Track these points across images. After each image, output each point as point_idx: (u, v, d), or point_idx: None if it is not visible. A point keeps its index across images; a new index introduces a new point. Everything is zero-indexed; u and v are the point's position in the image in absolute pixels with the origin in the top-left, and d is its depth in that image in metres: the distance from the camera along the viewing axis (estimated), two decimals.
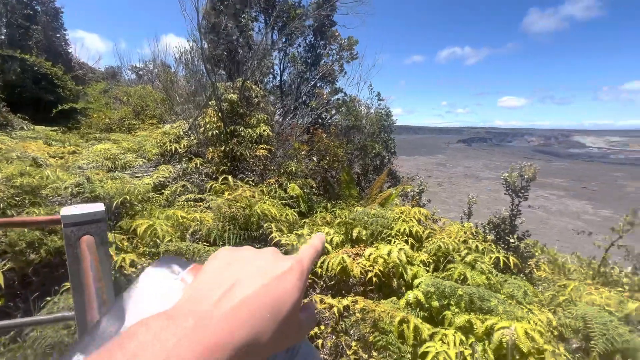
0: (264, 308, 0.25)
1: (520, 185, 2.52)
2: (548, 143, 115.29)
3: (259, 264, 0.28)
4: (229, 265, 0.28)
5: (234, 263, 0.29)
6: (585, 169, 51.46)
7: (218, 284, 0.26)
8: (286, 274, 0.28)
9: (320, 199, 5.42)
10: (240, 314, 0.24)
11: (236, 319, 0.23)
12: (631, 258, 2.85)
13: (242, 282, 0.26)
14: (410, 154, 69.13)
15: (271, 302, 0.25)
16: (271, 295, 0.26)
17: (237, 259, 0.29)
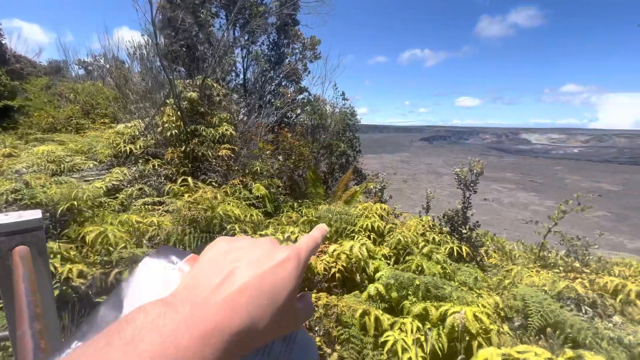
0: (261, 295, 0.25)
1: (470, 179, 2.72)
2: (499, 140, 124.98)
3: (257, 253, 0.28)
4: (226, 254, 0.28)
5: (231, 252, 0.29)
6: (531, 163, 56.52)
7: (215, 272, 0.26)
8: (284, 263, 0.28)
9: (287, 199, 5.40)
10: (238, 301, 0.24)
11: (233, 305, 0.24)
12: (565, 242, 3.20)
13: (240, 270, 0.26)
14: (377, 152, 71.05)
15: (268, 289, 0.26)
16: (268, 283, 0.26)
17: (235, 248, 0.29)
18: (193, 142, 4.76)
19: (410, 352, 1.52)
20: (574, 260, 2.99)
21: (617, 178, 39.70)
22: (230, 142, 4.95)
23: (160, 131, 5.07)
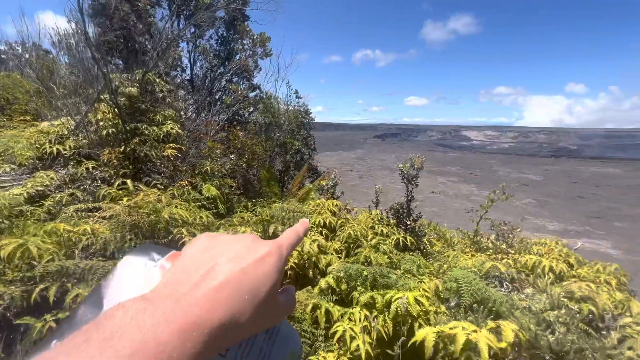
0: (242, 290, 0.25)
1: (412, 174, 2.93)
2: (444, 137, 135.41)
3: (238, 249, 0.28)
4: (207, 250, 0.28)
5: (212, 248, 0.28)
6: (471, 158, 62.24)
7: (196, 268, 0.26)
8: (265, 257, 0.28)
9: (241, 199, 5.27)
10: (219, 296, 0.24)
11: (214, 300, 0.23)
12: (494, 228, 3.61)
13: (221, 266, 0.26)
14: (334, 150, 72.26)
15: (249, 284, 0.25)
16: (250, 277, 0.26)
17: (216, 244, 0.29)
18: (134, 141, 4.40)
19: (358, 340, 1.60)
20: (502, 243, 3.39)
21: (539, 169, 45.55)
22: (177, 141, 4.66)
23: (95, 130, 4.60)
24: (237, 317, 0.24)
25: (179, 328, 0.21)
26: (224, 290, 0.24)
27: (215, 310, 0.23)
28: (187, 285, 0.24)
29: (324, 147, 75.83)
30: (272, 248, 0.29)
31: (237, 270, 0.26)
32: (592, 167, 48.06)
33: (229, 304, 0.24)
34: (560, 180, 37.62)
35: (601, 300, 1.81)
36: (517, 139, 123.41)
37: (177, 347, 0.20)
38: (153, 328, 0.20)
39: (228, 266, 0.26)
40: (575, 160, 59.01)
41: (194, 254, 0.28)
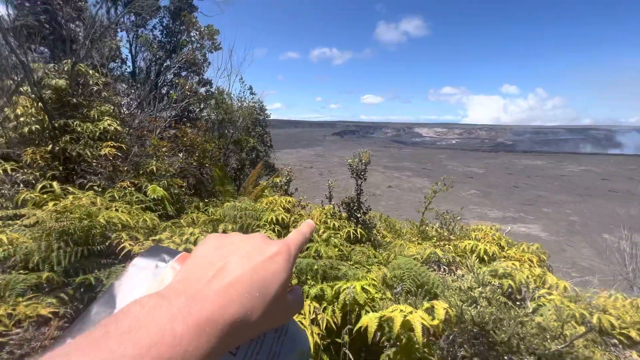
0: (253, 288, 0.26)
1: (361, 168, 3.04)
2: (399, 134, 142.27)
3: (248, 248, 0.29)
4: (218, 249, 0.29)
5: (223, 247, 0.29)
6: (424, 153, 66.30)
7: (208, 266, 0.27)
8: (274, 256, 0.28)
9: (192, 199, 5.01)
10: (231, 293, 0.24)
11: (227, 297, 0.24)
12: (439, 217, 3.89)
13: (232, 264, 0.27)
14: (293, 146, 72.02)
15: (260, 282, 0.26)
16: (260, 276, 0.27)
17: (226, 244, 0.30)
18: (64, 139, 3.95)
19: (307, 332, 1.63)
20: (445, 230, 3.68)
21: (481, 163, 50.01)
22: (117, 139, 4.28)
23: (14, 127, 4.04)
24: (248, 314, 0.25)
25: (194, 323, 0.22)
26: (236, 288, 0.25)
27: (228, 306, 0.24)
28: (200, 282, 0.25)
29: (284, 145, 75.25)
30: (281, 247, 0.30)
31: (248, 268, 0.27)
32: (525, 160, 54.03)
33: (241, 301, 0.25)
34: (499, 172, 41.75)
35: (519, 276, 2.06)
36: (462, 135, 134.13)
37: (193, 341, 0.21)
38: (169, 322, 0.21)
39: (239, 264, 0.27)
40: (511, 154, 65.91)
41: (205, 253, 0.29)
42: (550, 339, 1.30)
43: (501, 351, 1.31)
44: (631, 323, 2.12)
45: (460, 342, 1.63)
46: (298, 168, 46.17)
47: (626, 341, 2.07)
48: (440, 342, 1.74)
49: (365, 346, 2.02)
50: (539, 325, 1.37)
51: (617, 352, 1.94)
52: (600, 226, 20.38)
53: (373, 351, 1.97)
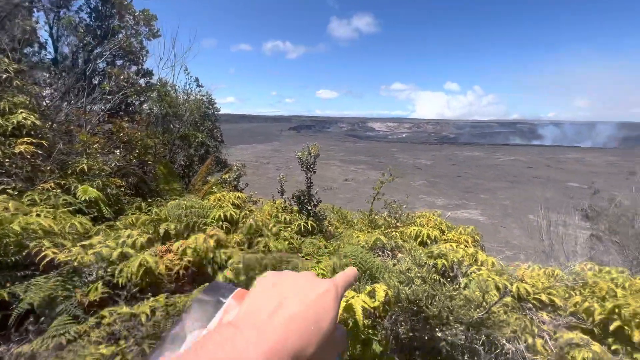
0: (309, 322, 0.28)
1: (310, 161, 3.07)
2: (354, 128, 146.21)
3: (301, 285, 0.32)
4: (275, 286, 0.31)
5: (279, 284, 0.32)
6: (377, 147, 69.04)
7: (268, 302, 0.29)
8: (325, 294, 0.31)
9: (134, 199, 4.62)
10: (291, 326, 0.27)
11: (288, 330, 0.27)
12: (387, 206, 4.10)
13: (289, 300, 0.29)
14: (249, 142, 70.04)
15: (314, 317, 0.29)
16: (314, 311, 0.29)
17: (282, 281, 0.32)
18: None
19: None
20: (392, 218, 3.89)
21: (428, 155, 53.66)
22: (35, 135, 3.75)
23: None
24: (305, 346, 0.27)
25: (264, 351, 0.25)
26: (294, 322, 0.28)
27: (289, 338, 0.26)
28: (263, 315, 0.28)
29: (238, 140, 72.78)
30: (330, 286, 0.33)
31: (304, 305, 0.29)
32: (465, 152, 59.14)
33: (299, 334, 0.27)
34: (444, 163, 45.21)
35: (452, 256, 2.27)
36: (411, 129, 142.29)
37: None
38: (245, 349, 0.24)
39: (295, 301, 0.30)
40: (454, 146, 71.72)
41: (264, 289, 0.31)
42: (474, 308, 1.47)
43: (434, 324, 1.43)
44: (542, 289, 2.46)
45: (401, 320, 1.74)
46: (255, 164, 45.07)
47: (538, 304, 2.40)
48: (384, 323, 1.85)
49: None
50: (465, 298, 1.52)
51: (531, 314, 2.24)
52: (527, 208, 23.19)
53: None
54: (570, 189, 23.58)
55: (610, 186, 8.11)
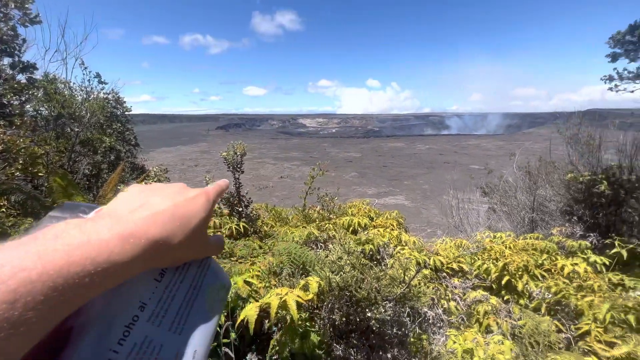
0: (175, 218, 0.29)
1: (237, 160, 2.96)
2: (285, 125, 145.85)
3: (170, 191, 0.33)
4: (142, 192, 0.32)
5: (146, 190, 0.32)
6: (309, 142, 70.33)
7: (131, 201, 0.30)
8: (195, 197, 0.33)
9: (22, 220, 3.80)
10: (154, 219, 0.28)
11: (149, 222, 0.27)
12: (319, 199, 4.21)
13: (155, 201, 0.30)
14: (171, 144, 64.19)
15: (181, 215, 0.30)
16: (181, 210, 0.31)
17: (149, 188, 0.33)
18: None
19: None
20: (325, 211, 4.02)
21: (357, 148, 56.92)
22: None
23: None
24: (170, 237, 0.28)
25: (119, 234, 0.25)
26: (159, 217, 0.28)
27: (150, 228, 0.27)
28: (125, 211, 0.28)
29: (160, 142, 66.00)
30: (201, 191, 0.34)
31: (171, 204, 0.30)
32: (389, 143, 64.36)
33: (162, 226, 0.28)
34: (371, 155, 48.51)
35: (378, 240, 2.47)
36: (340, 124, 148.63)
37: (117, 246, 0.24)
38: (95, 230, 0.24)
39: (162, 201, 0.30)
40: (379, 139, 77.48)
41: (129, 195, 0.31)
42: (397, 285, 1.62)
43: (364, 306, 1.54)
44: (453, 258, 2.86)
45: (336, 308, 1.83)
46: (181, 167, 41.52)
47: (451, 272, 2.78)
48: (322, 313, 1.91)
49: (259, 337, 2.03)
50: (390, 277, 1.67)
51: (445, 282, 2.59)
52: (441, 190, 26.46)
53: (265, 340, 2.00)
54: (472, 171, 27.65)
55: (500, 166, 9.79)
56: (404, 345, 1.76)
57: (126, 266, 0.25)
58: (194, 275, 0.35)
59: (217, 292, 0.37)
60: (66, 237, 0.23)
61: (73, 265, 0.21)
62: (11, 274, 0.19)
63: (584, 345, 1.78)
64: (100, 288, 0.23)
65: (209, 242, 0.35)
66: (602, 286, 2.30)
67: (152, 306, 0.30)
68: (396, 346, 1.73)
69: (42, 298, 0.20)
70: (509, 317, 2.14)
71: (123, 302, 0.29)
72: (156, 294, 0.31)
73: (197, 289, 0.35)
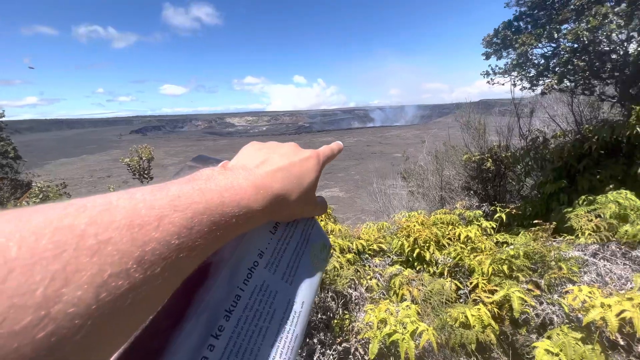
0: (292, 176, 0.32)
1: (144, 166, 2.69)
2: (211, 125, 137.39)
3: (285, 150, 0.35)
4: (261, 149, 0.35)
5: (265, 148, 0.36)
6: (240, 142, 67.40)
7: (255, 156, 0.33)
8: (308, 159, 0.36)
9: None
10: (275, 175, 0.31)
11: (272, 177, 0.30)
12: None
13: (274, 158, 0.33)
14: (73, 154, 55.16)
15: (297, 173, 0.33)
16: (297, 169, 0.33)
17: (266, 146, 0.36)
18: None
19: None
20: None
21: None
22: None
23: None
24: (288, 193, 0.31)
25: (253, 183, 0.28)
26: (278, 173, 0.31)
27: (274, 183, 0.30)
28: (252, 165, 0.31)
29: (57, 153, 55.87)
30: (312, 153, 0.37)
31: (287, 162, 0.33)
32: (320, 138, 66.00)
33: (283, 182, 0.31)
34: None
35: None
36: (270, 122, 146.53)
37: (253, 195, 0.27)
38: (235, 178, 0.27)
39: (280, 159, 0.33)
40: (310, 134, 78.86)
41: (251, 151, 0.35)
42: None
43: None
44: (374, 240, 3.11)
45: None
46: (90, 180, 35.74)
47: (373, 253, 3.03)
48: None
49: None
50: None
51: (368, 263, 2.80)
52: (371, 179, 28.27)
53: None
54: (394, 159, 30.24)
55: (416, 152, 10.94)
56: (329, 328, 1.86)
57: (259, 213, 0.28)
58: (302, 231, 0.38)
59: (319, 250, 0.40)
60: (216, 180, 0.26)
61: (225, 205, 0.24)
62: (187, 204, 0.22)
63: (474, 296, 2.13)
64: (240, 230, 0.26)
65: (316, 203, 0.38)
66: (490, 246, 2.78)
67: (268, 255, 0.33)
68: (322, 330, 1.81)
69: (206, 229, 0.23)
70: (422, 285, 2.43)
71: (247, 247, 0.32)
72: (271, 244, 0.34)
73: (304, 245, 0.38)
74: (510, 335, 2.03)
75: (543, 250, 2.23)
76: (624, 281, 2.03)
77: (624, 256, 2.30)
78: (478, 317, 1.83)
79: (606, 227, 2.59)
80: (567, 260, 2.21)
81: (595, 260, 2.28)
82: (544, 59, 4.25)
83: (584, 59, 3.74)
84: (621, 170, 3.81)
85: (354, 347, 1.76)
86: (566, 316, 1.84)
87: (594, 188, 3.94)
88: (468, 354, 1.91)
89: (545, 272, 2.17)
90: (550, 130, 5.86)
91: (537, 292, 2.05)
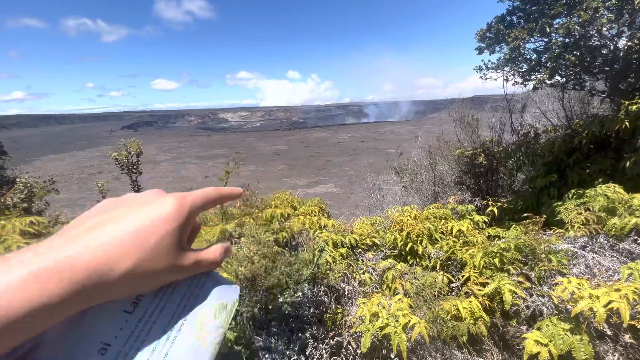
0: (129, 244, 0.26)
1: (132, 161, 2.63)
2: (204, 121, 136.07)
3: (133, 201, 0.30)
4: (100, 213, 0.29)
5: (110, 206, 0.30)
6: (233, 138, 67.17)
7: (84, 225, 0.27)
8: (160, 207, 0.29)
9: None
10: (103, 247, 0.25)
11: (94, 251, 0.24)
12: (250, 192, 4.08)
13: (107, 224, 0.27)
14: (63, 150, 54.24)
15: (135, 231, 0.27)
16: (135, 226, 0.27)
17: (114, 202, 0.30)
18: None
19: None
20: (247, 206, 3.91)
21: (283, 140, 56.73)
22: None
23: None
24: (115, 264, 0.25)
25: (38, 273, 0.22)
26: (107, 245, 0.25)
27: (93, 260, 0.24)
28: (60, 242, 0.25)
29: (46, 149, 54.76)
30: (170, 198, 0.30)
31: (124, 229, 0.27)
32: (314, 134, 65.82)
33: (108, 255, 0.25)
34: (298, 146, 48.99)
35: (296, 226, 2.52)
36: (264, 117, 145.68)
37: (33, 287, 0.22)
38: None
39: (115, 224, 0.27)
40: (304, 130, 78.58)
41: (83, 217, 0.29)
42: (306, 267, 1.69)
43: (276, 292, 1.56)
44: (367, 234, 3.11)
45: (255, 300, 1.81)
46: (80, 177, 35.17)
47: (366, 247, 3.03)
48: (240, 308, 1.86)
49: None
50: (302, 261, 1.72)
51: (361, 257, 2.80)
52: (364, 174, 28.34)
53: None
54: (388, 154, 30.34)
55: (410, 148, 10.96)
56: (322, 322, 1.85)
57: (54, 309, 0.21)
58: (180, 299, 0.29)
59: (213, 315, 0.30)
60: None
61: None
62: None
63: (466, 289, 2.15)
64: (23, 335, 0.21)
65: (195, 259, 0.30)
66: (482, 240, 2.81)
67: (117, 346, 0.25)
68: (314, 324, 1.81)
69: None
70: (414, 279, 2.45)
71: (76, 346, 0.24)
72: (125, 329, 0.26)
73: (184, 314, 0.29)
74: (501, 327, 2.05)
75: (533, 243, 2.25)
76: (612, 273, 2.06)
77: (612, 248, 2.33)
78: (470, 310, 1.84)
79: (595, 220, 2.63)
80: (557, 253, 2.23)
81: (584, 252, 2.31)
82: (536, 54, 4.28)
83: (575, 54, 3.77)
84: (610, 165, 3.87)
85: (346, 341, 1.76)
86: (555, 307, 1.86)
87: (583, 182, 4.00)
88: (459, 345, 1.93)
89: (535, 264, 2.19)
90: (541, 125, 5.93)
91: (528, 285, 2.07)
